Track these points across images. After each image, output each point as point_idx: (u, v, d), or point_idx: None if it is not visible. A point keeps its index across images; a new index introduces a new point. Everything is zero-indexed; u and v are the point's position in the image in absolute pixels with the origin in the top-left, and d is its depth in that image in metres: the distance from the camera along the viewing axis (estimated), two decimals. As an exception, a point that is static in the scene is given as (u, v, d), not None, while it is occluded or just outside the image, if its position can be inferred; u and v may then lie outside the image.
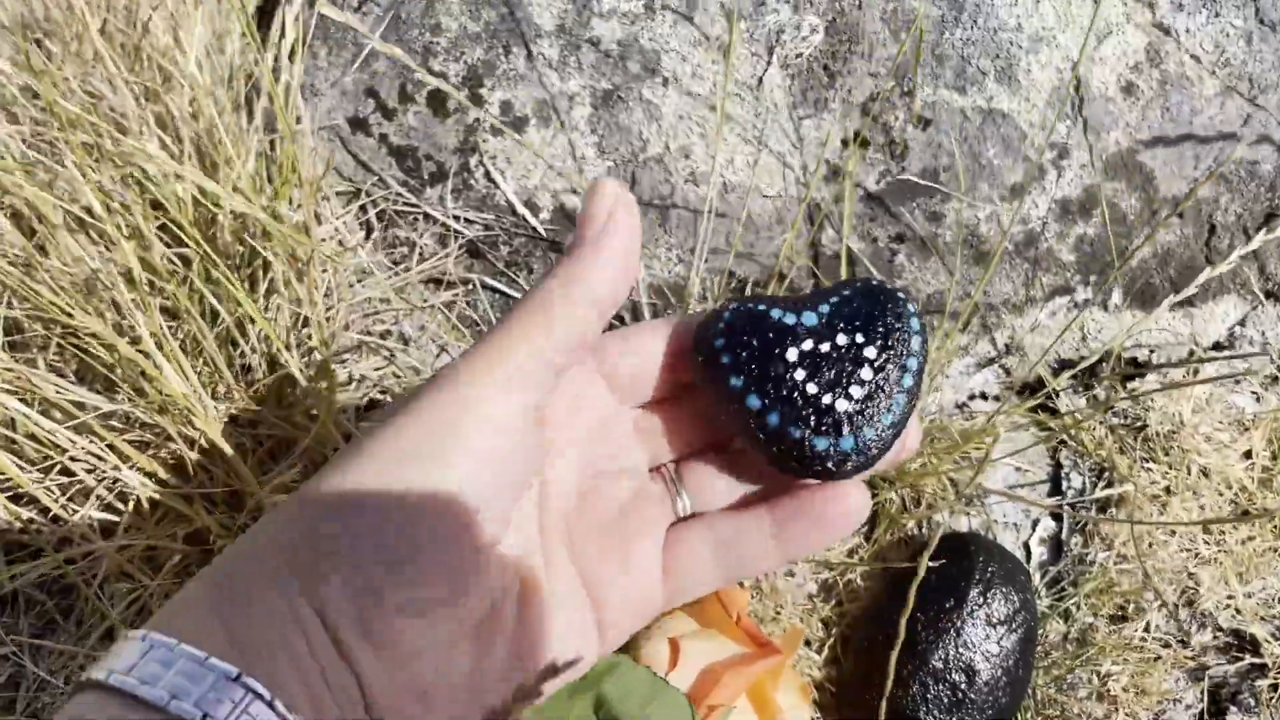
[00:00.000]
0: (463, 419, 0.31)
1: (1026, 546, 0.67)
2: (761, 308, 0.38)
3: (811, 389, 0.37)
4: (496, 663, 0.33)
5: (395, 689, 0.30)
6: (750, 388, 0.37)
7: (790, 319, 0.38)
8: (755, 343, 0.37)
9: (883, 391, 0.37)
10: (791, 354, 0.37)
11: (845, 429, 0.36)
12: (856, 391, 0.37)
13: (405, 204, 0.69)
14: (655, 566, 0.37)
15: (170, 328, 0.56)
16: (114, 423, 0.52)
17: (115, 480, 0.52)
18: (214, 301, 0.54)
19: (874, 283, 0.39)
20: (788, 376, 0.37)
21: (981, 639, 0.59)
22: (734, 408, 0.37)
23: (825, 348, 0.37)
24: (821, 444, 0.36)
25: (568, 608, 0.35)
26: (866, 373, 0.37)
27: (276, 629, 0.29)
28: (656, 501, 0.39)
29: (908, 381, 0.37)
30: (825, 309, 0.38)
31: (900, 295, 0.39)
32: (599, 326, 0.34)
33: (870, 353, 0.37)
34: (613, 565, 0.37)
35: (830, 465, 0.36)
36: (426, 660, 0.31)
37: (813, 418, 0.36)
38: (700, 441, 0.40)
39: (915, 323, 0.38)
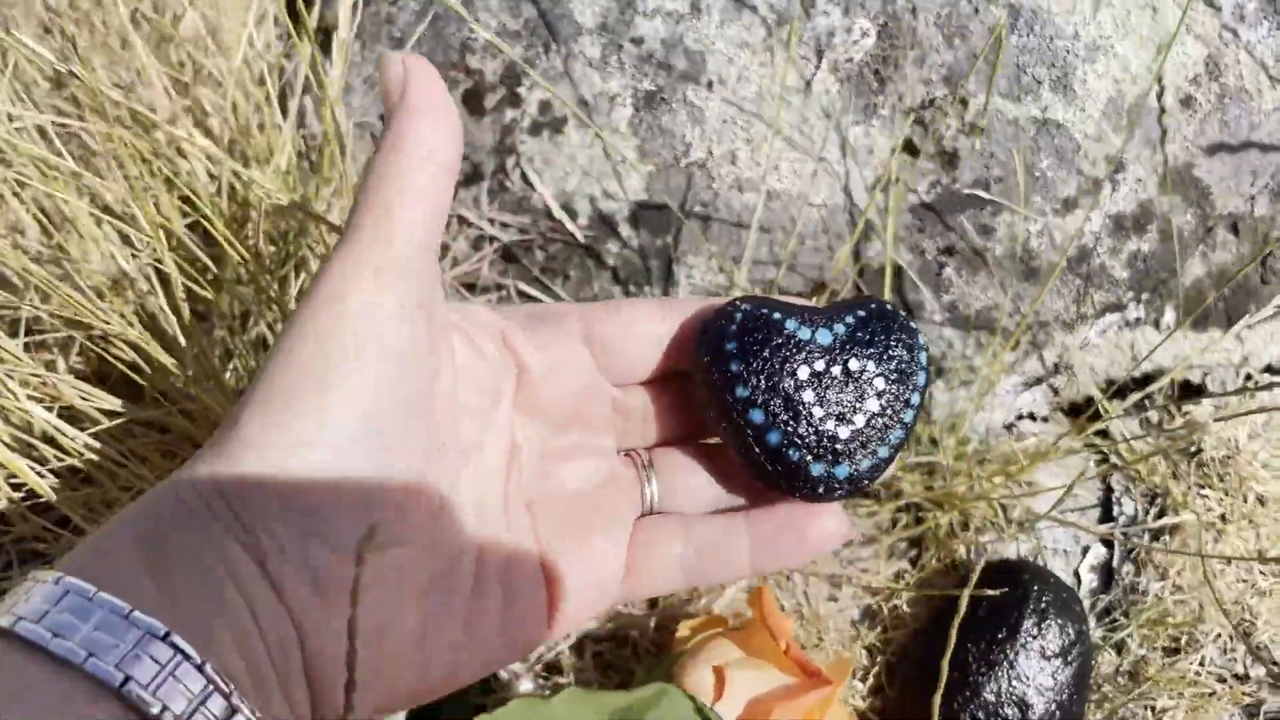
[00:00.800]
0: (343, 349, 0.28)
1: (1076, 574, 0.65)
2: (776, 316, 0.37)
3: (817, 412, 0.36)
4: (447, 629, 0.31)
5: (336, 640, 0.27)
6: (755, 400, 0.36)
7: (805, 333, 0.37)
8: (767, 354, 0.36)
9: (885, 424, 0.37)
10: (803, 372, 0.36)
11: (843, 458, 0.36)
12: (859, 420, 0.37)
13: (439, 205, 0.67)
14: (619, 560, 0.35)
15: (203, 328, 0.54)
16: (134, 428, 0.49)
17: (138, 490, 0.49)
18: (248, 305, 0.52)
19: (889, 307, 0.38)
20: (796, 396, 0.36)
21: (1035, 671, 0.56)
22: (734, 416, 0.36)
23: (836, 371, 0.37)
24: (818, 469, 0.36)
25: (522, 585, 0.33)
26: (873, 404, 0.37)
27: (208, 577, 0.25)
28: (627, 489, 0.37)
29: (908, 416, 0.37)
30: (840, 329, 0.37)
31: (914, 325, 0.38)
32: (448, 186, 0.32)
33: (879, 384, 0.37)
34: (573, 549, 0.35)
35: (820, 489, 0.36)
36: (372, 610, 0.28)
37: (814, 442, 0.36)
38: (679, 431, 0.39)
39: (924, 356, 0.38)
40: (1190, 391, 0.70)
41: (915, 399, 0.37)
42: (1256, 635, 0.63)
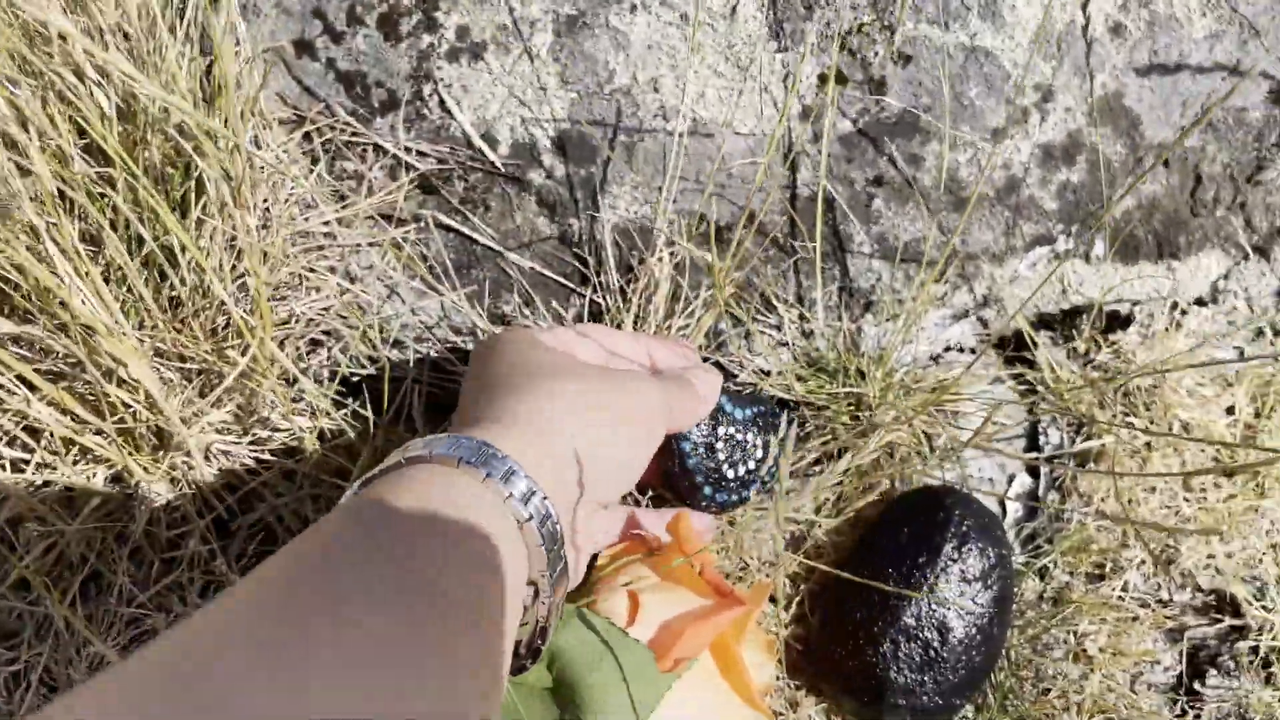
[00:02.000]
0: None
1: (1002, 503, 0.65)
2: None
3: (720, 457, 0.57)
4: None
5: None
6: (686, 438, 0.56)
7: (728, 407, 0.57)
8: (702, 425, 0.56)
9: (752, 477, 0.58)
10: (721, 431, 0.57)
11: (722, 488, 0.57)
12: (741, 471, 0.58)
13: (353, 134, 0.65)
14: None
15: (91, 253, 0.51)
16: (22, 350, 0.47)
17: (24, 416, 0.47)
18: (139, 226, 0.50)
19: (777, 412, 0.61)
20: (712, 444, 0.56)
21: (955, 595, 0.56)
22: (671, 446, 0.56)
23: (739, 437, 0.58)
24: (708, 490, 0.57)
25: None
26: (751, 464, 0.58)
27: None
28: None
29: (767, 476, 0.59)
30: (750, 411, 0.59)
31: (792, 417, 0.62)
32: None
33: (759, 454, 0.59)
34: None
35: (704, 504, 0.57)
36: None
37: (714, 474, 0.57)
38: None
39: (789, 444, 0.53)
40: (1118, 323, 0.70)
41: (780, 463, 0.51)
42: (1180, 561, 0.63)
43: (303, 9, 0.65)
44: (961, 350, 0.70)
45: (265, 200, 0.59)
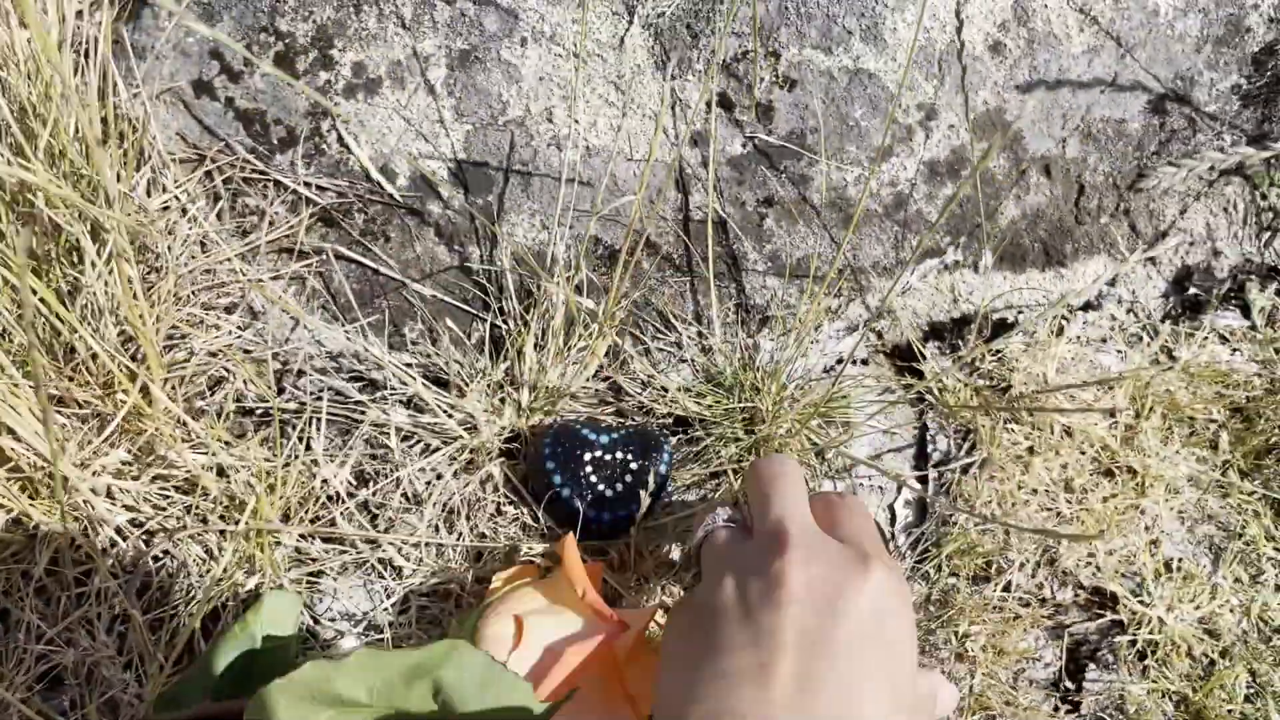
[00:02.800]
0: None
1: (891, 509, 0.67)
2: (578, 426, 0.62)
3: (594, 479, 0.61)
4: None
5: None
6: (557, 471, 0.61)
7: (592, 436, 0.62)
8: (566, 445, 0.61)
9: (632, 491, 0.61)
10: (588, 456, 0.61)
11: (605, 507, 0.61)
12: (619, 487, 0.61)
13: (254, 171, 0.66)
14: None
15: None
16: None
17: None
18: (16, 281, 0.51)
19: (650, 428, 0.65)
20: (582, 469, 0.61)
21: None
22: (544, 481, 0.61)
23: (608, 458, 0.61)
24: (591, 513, 0.60)
25: None
26: (628, 478, 0.61)
27: None
28: None
29: (650, 488, 0.60)
30: (616, 436, 0.62)
31: (663, 440, 0.63)
32: None
33: (634, 466, 0.61)
34: None
35: (592, 525, 0.60)
36: None
37: (589, 495, 0.60)
38: None
39: (666, 456, 0.63)
40: (1004, 330, 0.72)
41: (652, 481, 0.60)
42: (1061, 560, 0.66)
43: (200, 50, 0.66)
44: (854, 362, 0.72)
45: (164, 243, 0.61)
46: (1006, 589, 0.65)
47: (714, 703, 0.35)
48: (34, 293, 0.47)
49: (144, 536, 0.58)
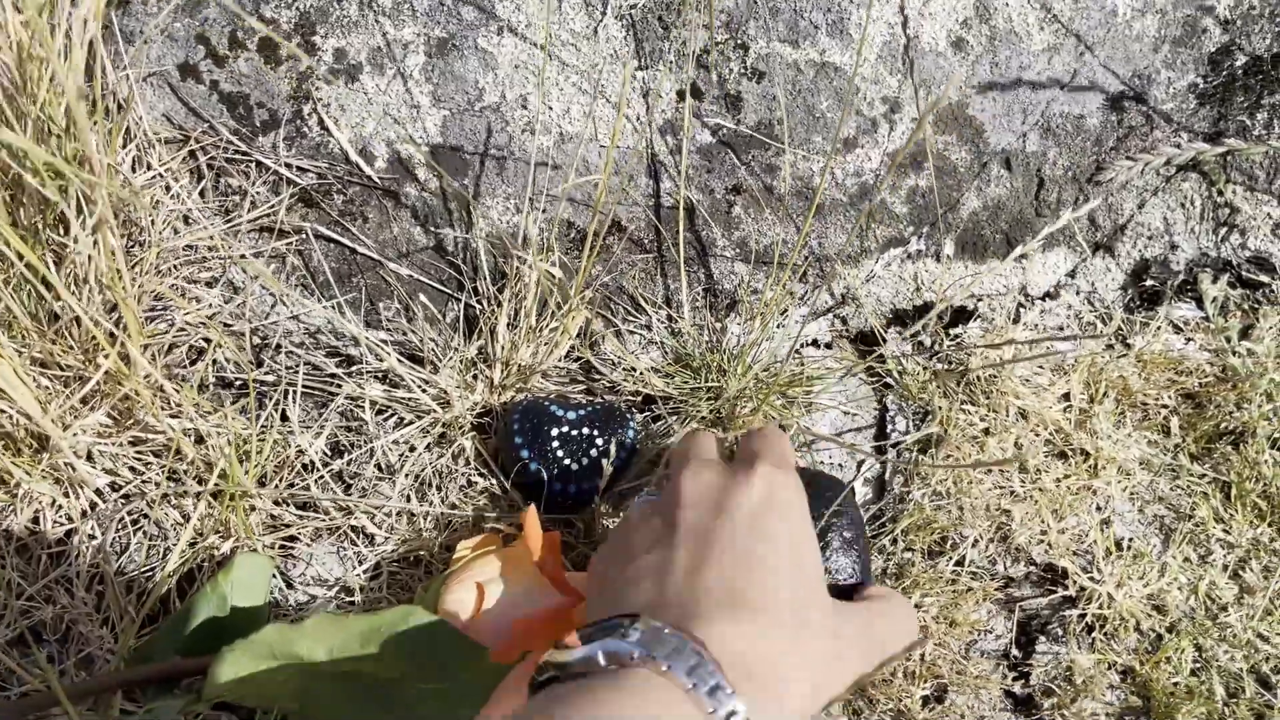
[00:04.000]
0: None
1: (851, 487, 0.69)
2: (545, 402, 0.65)
3: (560, 453, 0.63)
4: None
5: None
6: (525, 445, 0.63)
7: (559, 411, 0.64)
8: (535, 421, 0.64)
9: (597, 465, 0.62)
10: (554, 431, 0.63)
11: (570, 480, 0.63)
12: (585, 461, 0.63)
13: (237, 152, 0.68)
14: None
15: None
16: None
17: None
18: (3, 248, 0.54)
19: (616, 404, 0.67)
20: (548, 444, 0.63)
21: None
22: (512, 455, 0.63)
23: (574, 433, 0.63)
24: (557, 485, 0.63)
25: None
26: (594, 452, 0.63)
27: None
28: None
29: (615, 460, 0.62)
30: (582, 412, 0.64)
31: (629, 416, 0.66)
32: None
33: (599, 441, 0.64)
34: None
35: (558, 498, 0.63)
36: None
37: (555, 469, 0.62)
38: None
39: (631, 431, 0.65)
40: (965, 317, 0.75)
41: (614, 451, 0.62)
42: (1014, 537, 0.68)
43: (187, 35, 0.69)
44: (819, 345, 0.75)
45: (147, 216, 0.63)
46: (960, 563, 0.67)
47: (622, 604, 0.39)
48: (20, 257, 0.50)
49: (122, 499, 0.60)
